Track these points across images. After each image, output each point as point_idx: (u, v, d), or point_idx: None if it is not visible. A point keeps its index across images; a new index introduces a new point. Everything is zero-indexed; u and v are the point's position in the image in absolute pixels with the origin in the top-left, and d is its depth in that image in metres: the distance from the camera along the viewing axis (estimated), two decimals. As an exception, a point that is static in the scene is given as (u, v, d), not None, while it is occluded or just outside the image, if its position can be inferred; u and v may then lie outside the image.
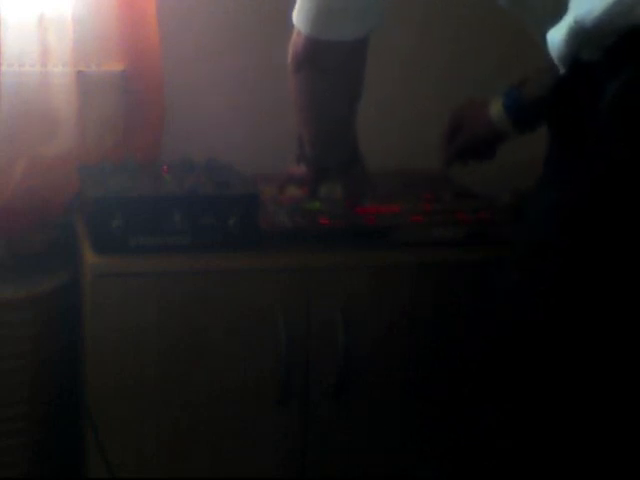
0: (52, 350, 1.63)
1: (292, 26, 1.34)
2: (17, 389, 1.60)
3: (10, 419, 1.60)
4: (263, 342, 1.41)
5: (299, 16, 1.30)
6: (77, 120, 1.68)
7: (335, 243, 1.46)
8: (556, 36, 1.04)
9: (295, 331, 1.41)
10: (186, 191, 1.41)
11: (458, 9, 1.85)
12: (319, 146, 1.48)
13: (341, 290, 1.43)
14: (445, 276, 1.46)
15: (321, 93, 1.38)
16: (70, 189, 1.64)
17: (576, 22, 1.00)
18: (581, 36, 1.00)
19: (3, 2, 1.62)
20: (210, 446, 1.44)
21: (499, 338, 1.08)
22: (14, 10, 1.63)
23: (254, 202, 1.42)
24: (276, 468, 1.47)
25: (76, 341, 1.58)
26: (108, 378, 1.38)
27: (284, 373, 1.41)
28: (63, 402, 1.64)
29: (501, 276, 1.11)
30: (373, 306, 1.45)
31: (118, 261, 1.37)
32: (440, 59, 1.92)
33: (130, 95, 1.73)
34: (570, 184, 1.00)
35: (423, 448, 1.48)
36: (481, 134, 1.58)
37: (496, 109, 1.55)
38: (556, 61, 1.06)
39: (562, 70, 1.05)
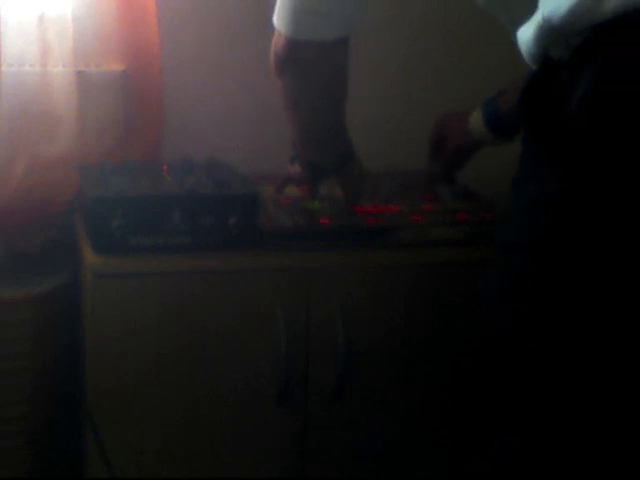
0: (52, 350, 1.63)
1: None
2: (17, 389, 1.60)
3: (10, 419, 1.60)
4: (263, 342, 1.41)
5: (278, 17, 1.31)
6: (77, 120, 1.68)
7: (335, 243, 1.46)
8: (525, 34, 1.05)
9: (295, 331, 1.41)
10: (186, 191, 1.41)
11: (458, 10, 1.85)
12: (308, 146, 1.48)
13: (341, 290, 1.43)
14: (445, 276, 1.46)
15: (304, 94, 1.39)
16: (70, 189, 1.64)
17: (544, 19, 1.00)
18: (549, 33, 1.00)
19: (3, 2, 1.62)
20: (210, 446, 1.44)
21: (489, 337, 1.08)
22: (14, 10, 1.63)
23: (254, 202, 1.42)
24: (276, 468, 1.47)
25: (76, 341, 1.58)
26: (108, 378, 1.38)
27: (284, 373, 1.41)
28: (63, 402, 1.64)
29: (485, 279, 1.12)
30: (373, 306, 1.45)
31: (118, 261, 1.37)
32: (441, 59, 1.92)
33: (130, 95, 1.73)
34: (544, 181, 1.00)
35: (423, 448, 1.48)
36: (464, 148, 1.63)
37: (475, 121, 1.58)
38: (526, 59, 1.07)
39: (533, 68, 1.06)
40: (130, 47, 1.71)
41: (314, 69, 1.34)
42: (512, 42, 1.13)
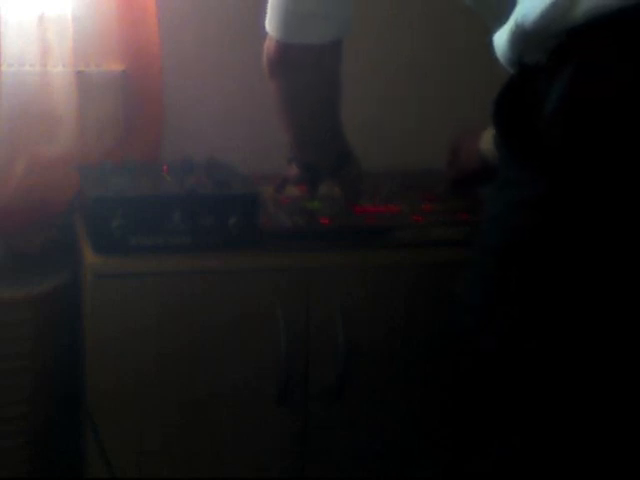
0: (52, 350, 1.63)
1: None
2: (17, 389, 1.60)
3: (10, 419, 1.60)
4: (263, 342, 1.41)
5: (270, 21, 1.32)
6: (77, 120, 1.68)
7: (335, 243, 1.46)
8: (500, 39, 1.05)
9: (295, 331, 1.41)
10: (186, 191, 1.41)
11: (459, 9, 1.85)
12: (304, 149, 1.48)
13: (341, 290, 1.43)
14: (445, 276, 1.46)
15: (297, 96, 1.39)
16: (70, 189, 1.64)
17: (516, 25, 1.00)
18: (522, 38, 1.00)
19: (3, 2, 1.62)
20: (210, 446, 1.44)
21: (474, 339, 1.08)
22: (14, 10, 1.63)
23: (254, 202, 1.42)
24: (276, 468, 1.47)
25: (76, 341, 1.58)
26: (108, 378, 1.38)
27: (284, 373, 1.41)
28: (63, 402, 1.64)
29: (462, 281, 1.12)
30: (373, 306, 1.45)
31: (118, 261, 1.37)
32: (441, 58, 1.92)
33: (130, 95, 1.73)
34: (520, 185, 1.00)
35: (423, 448, 1.48)
36: (473, 168, 1.56)
37: (487, 141, 1.53)
38: (503, 64, 1.07)
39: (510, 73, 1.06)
40: (130, 47, 1.71)
41: (306, 72, 1.34)
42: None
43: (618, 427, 0.98)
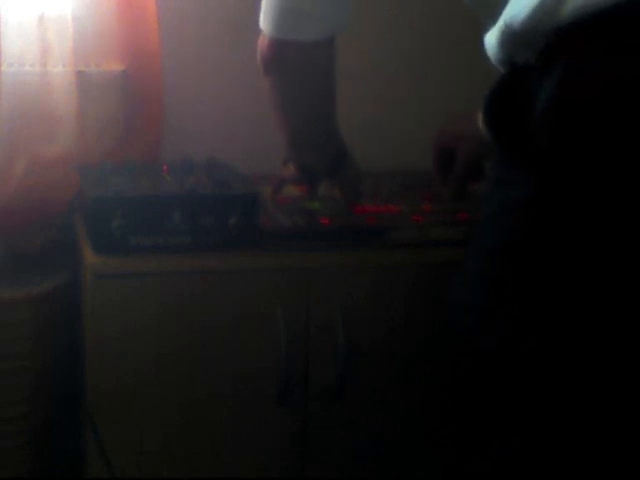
0: (52, 350, 1.63)
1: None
2: (17, 389, 1.60)
3: (10, 419, 1.60)
4: (263, 342, 1.41)
5: (263, 18, 1.32)
6: (77, 120, 1.68)
7: (335, 243, 1.46)
8: (491, 39, 1.05)
9: (295, 331, 1.41)
10: (186, 191, 1.41)
11: (459, 9, 1.86)
12: (299, 149, 1.48)
13: (341, 290, 1.43)
14: (445, 276, 1.46)
15: (291, 95, 1.39)
16: (70, 189, 1.64)
17: (505, 25, 1.00)
18: (511, 39, 1.01)
19: (3, 2, 1.62)
20: (210, 446, 1.44)
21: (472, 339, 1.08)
22: (14, 10, 1.64)
23: (254, 202, 1.42)
24: (276, 468, 1.47)
25: (76, 341, 1.58)
26: (108, 378, 1.38)
27: (284, 373, 1.41)
28: (63, 402, 1.64)
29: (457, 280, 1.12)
30: (373, 306, 1.45)
31: (118, 261, 1.37)
32: (441, 58, 1.92)
33: (130, 95, 1.73)
34: (511, 185, 1.00)
35: (423, 448, 1.48)
36: (478, 155, 1.41)
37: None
38: (494, 63, 1.07)
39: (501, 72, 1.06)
40: (130, 47, 1.71)
41: (299, 70, 1.34)
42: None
43: (618, 427, 0.98)
